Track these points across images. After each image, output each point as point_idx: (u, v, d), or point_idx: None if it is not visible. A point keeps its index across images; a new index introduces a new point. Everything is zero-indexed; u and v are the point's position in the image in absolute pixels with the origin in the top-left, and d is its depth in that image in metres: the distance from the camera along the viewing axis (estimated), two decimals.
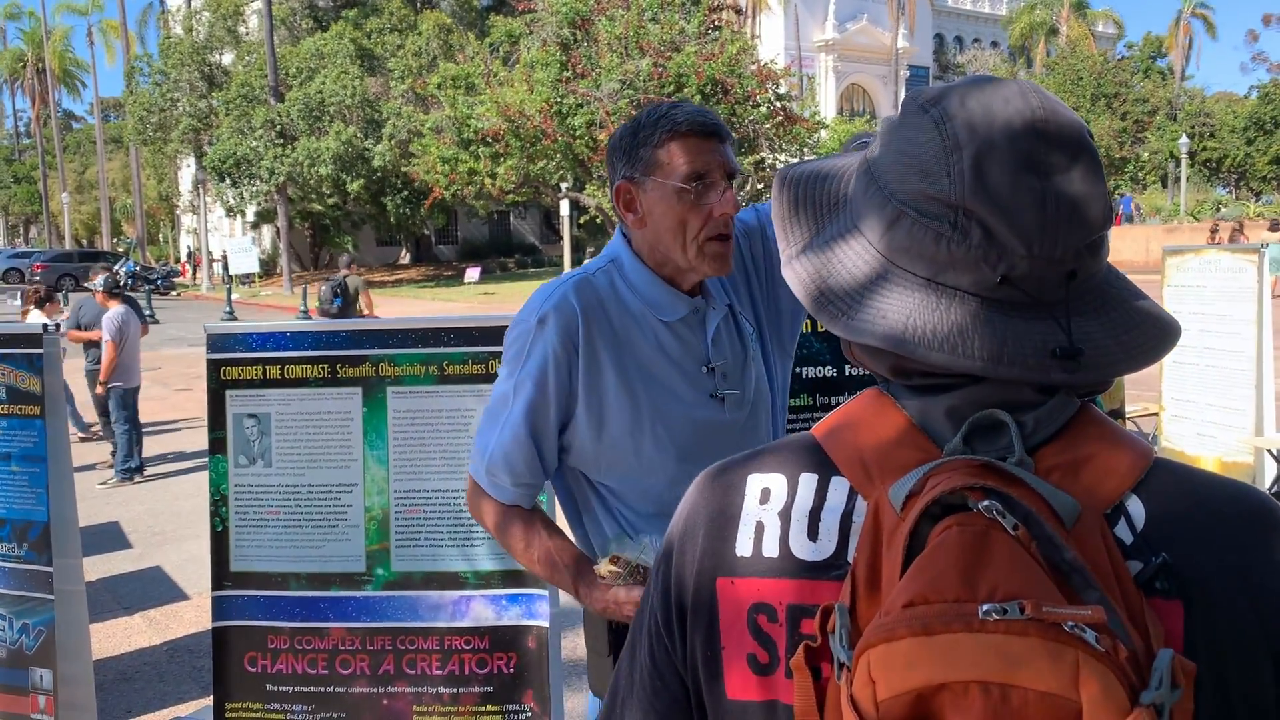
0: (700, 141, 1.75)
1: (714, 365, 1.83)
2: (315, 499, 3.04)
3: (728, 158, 1.78)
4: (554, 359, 1.76)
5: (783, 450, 0.90)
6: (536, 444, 1.80)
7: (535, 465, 1.82)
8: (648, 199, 1.78)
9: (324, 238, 42.56)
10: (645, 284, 1.82)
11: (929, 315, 0.79)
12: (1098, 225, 0.79)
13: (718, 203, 1.74)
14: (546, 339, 1.76)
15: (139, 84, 42.39)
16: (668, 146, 1.75)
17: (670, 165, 1.74)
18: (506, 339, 1.84)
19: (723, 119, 10.05)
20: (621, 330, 1.79)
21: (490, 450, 1.82)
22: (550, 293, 1.80)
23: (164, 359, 17.83)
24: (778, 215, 0.93)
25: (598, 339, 1.77)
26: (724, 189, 1.75)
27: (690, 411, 1.81)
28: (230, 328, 3.16)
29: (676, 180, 1.74)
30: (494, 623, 2.94)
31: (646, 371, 1.80)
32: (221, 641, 3.07)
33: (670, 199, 1.74)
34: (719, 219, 1.74)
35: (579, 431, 1.79)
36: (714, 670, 0.87)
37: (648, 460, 1.79)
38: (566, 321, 1.76)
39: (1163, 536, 0.77)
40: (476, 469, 1.87)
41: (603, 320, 1.78)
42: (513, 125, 23.93)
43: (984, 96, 0.80)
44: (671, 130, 1.75)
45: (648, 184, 1.77)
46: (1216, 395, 6.74)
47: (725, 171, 1.77)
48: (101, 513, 7.92)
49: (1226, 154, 48.62)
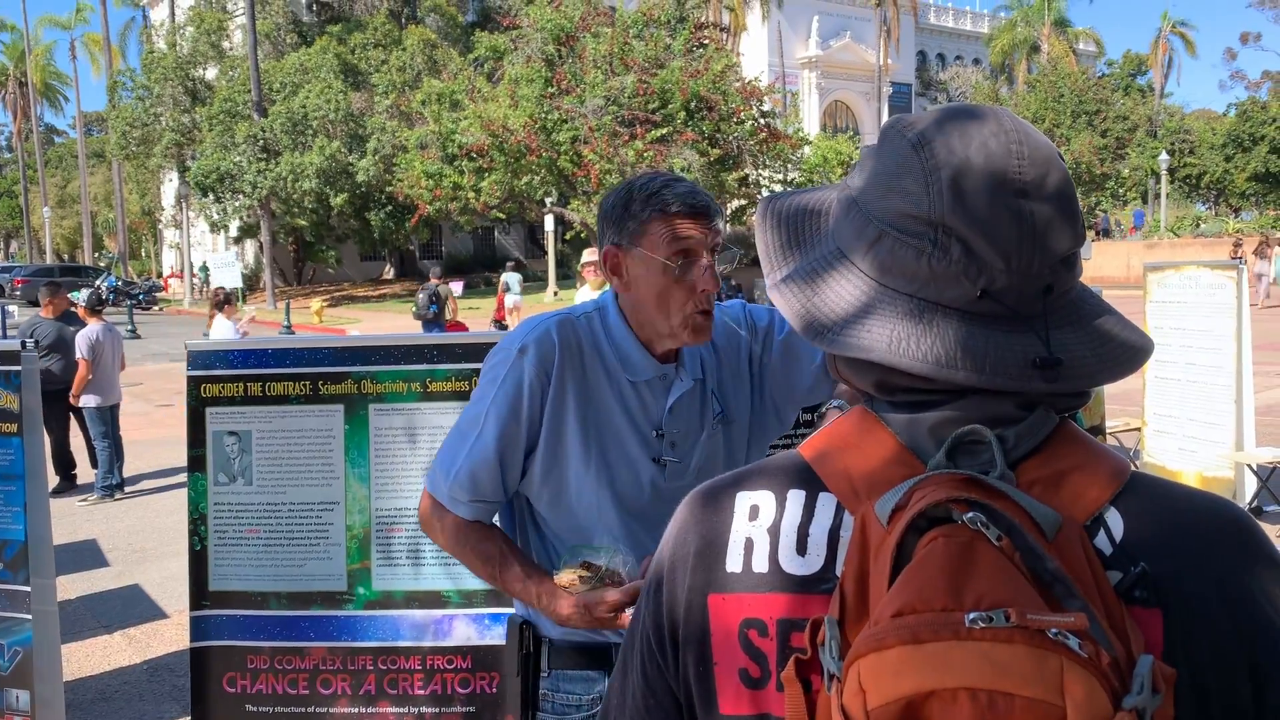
0: (689, 221, 1.80)
1: (663, 432, 1.89)
2: (296, 517, 3.02)
3: (715, 231, 1.82)
4: (529, 388, 1.82)
5: (770, 468, 0.92)
6: (503, 467, 1.85)
7: (499, 485, 1.87)
8: (634, 267, 1.83)
9: (307, 253, 42.44)
10: (622, 340, 1.88)
11: (913, 329, 0.82)
12: (1072, 241, 0.83)
13: (700, 279, 1.78)
14: (525, 368, 1.82)
15: (122, 98, 42.25)
16: (656, 222, 1.80)
17: (657, 239, 1.79)
18: (486, 363, 1.90)
19: (707, 135, 10.04)
20: (591, 376, 1.86)
21: (458, 468, 1.86)
22: (534, 325, 1.87)
23: (146, 374, 17.72)
24: (761, 242, 0.95)
25: (568, 378, 1.84)
26: (706, 266, 1.79)
27: (635, 468, 1.87)
28: (211, 344, 3.14)
29: (662, 255, 1.78)
30: (476, 642, 2.92)
31: (604, 421, 1.86)
32: (200, 662, 3.04)
33: (655, 272, 1.79)
34: (700, 295, 1.79)
35: (535, 462, 1.86)
36: (707, 686, 0.88)
37: (588, 504, 1.86)
38: (544, 354, 1.82)
39: (1141, 548, 0.80)
40: (436, 485, 1.91)
41: (576, 362, 1.85)
42: (497, 140, 23.95)
43: (960, 121, 0.84)
44: (661, 209, 1.80)
45: (635, 253, 1.82)
46: (1197, 410, 6.78)
47: (712, 246, 1.81)
48: (82, 530, 7.85)
49: (1206, 170, 49.05)
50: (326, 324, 27.53)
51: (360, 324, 27.91)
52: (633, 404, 1.88)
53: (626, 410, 1.87)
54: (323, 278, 44.80)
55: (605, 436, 1.86)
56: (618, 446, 1.87)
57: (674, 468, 1.89)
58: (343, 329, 25.73)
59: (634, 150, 22.64)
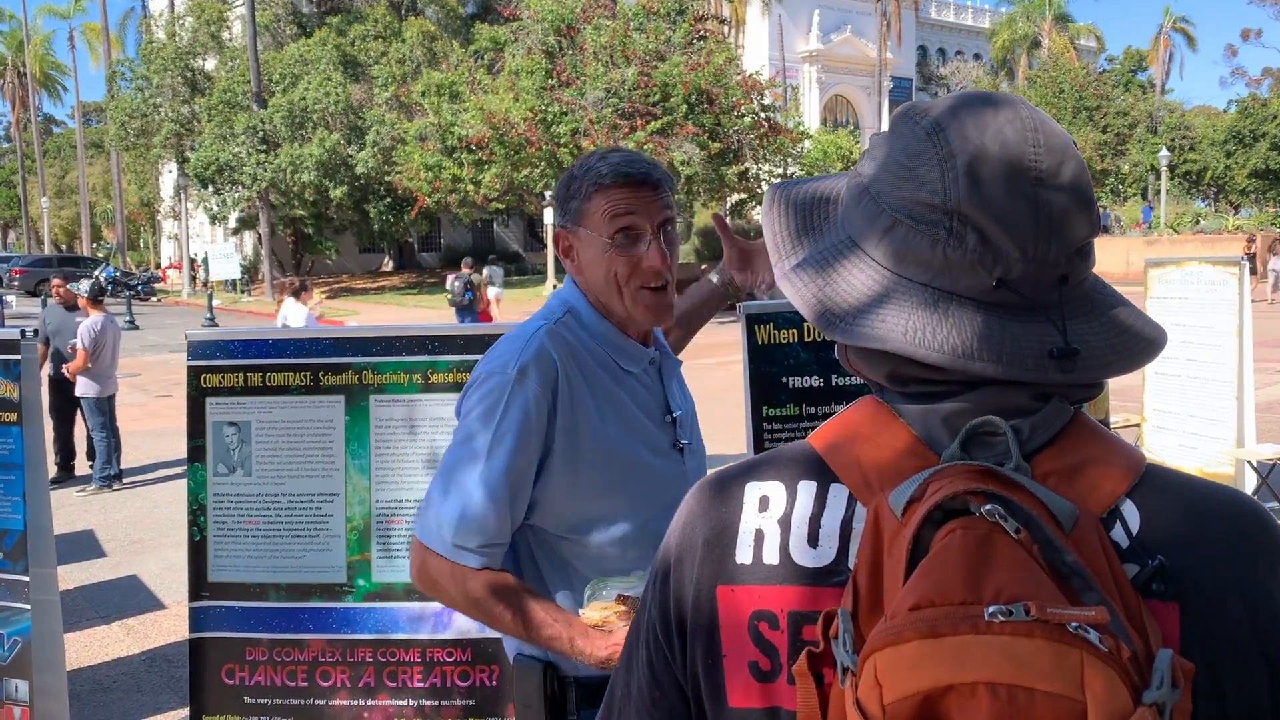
0: (627, 192, 1.72)
1: (675, 415, 1.83)
2: (296, 508, 3.01)
3: (662, 204, 1.74)
4: (537, 412, 1.67)
5: (780, 459, 0.91)
6: (513, 503, 1.69)
7: (506, 525, 1.70)
8: (581, 248, 1.77)
9: (306, 244, 42.39)
10: (605, 332, 1.79)
11: (929, 319, 0.81)
12: (1087, 230, 0.82)
13: (645, 255, 1.72)
14: (528, 392, 1.67)
15: (121, 89, 42.18)
16: (594, 198, 1.73)
17: (596, 217, 1.73)
18: (475, 391, 1.74)
19: (708, 128, 9.98)
20: (596, 379, 1.75)
21: (461, 514, 1.67)
22: (523, 345, 1.72)
23: (144, 365, 17.71)
24: (769, 230, 0.94)
25: (577, 388, 1.72)
26: (649, 240, 1.72)
27: (660, 460, 1.79)
28: (211, 334, 3.13)
29: (603, 234, 1.72)
30: (476, 635, 2.90)
31: (625, 418, 1.76)
32: (199, 653, 3.03)
33: (599, 250, 1.73)
34: (647, 270, 1.72)
35: (550, 488, 1.71)
36: (715, 679, 0.87)
37: (618, 507, 1.74)
38: (547, 374, 1.69)
39: (1157, 540, 0.79)
40: (432, 538, 1.70)
41: (577, 370, 1.73)
42: (497, 133, 23.91)
43: (975, 108, 0.83)
44: (596, 182, 1.72)
45: (580, 233, 1.76)
46: (1198, 406, 6.78)
47: (657, 219, 1.73)
48: (80, 520, 7.85)
49: (1206, 167, 49.03)
50: (325, 315, 27.50)
51: (359, 316, 27.89)
52: (640, 393, 1.81)
53: (639, 402, 1.79)
54: (321, 270, 44.74)
55: (629, 433, 1.75)
56: (641, 443, 1.76)
57: (689, 449, 1.84)
58: (341, 321, 25.72)
59: (634, 143, 22.60)
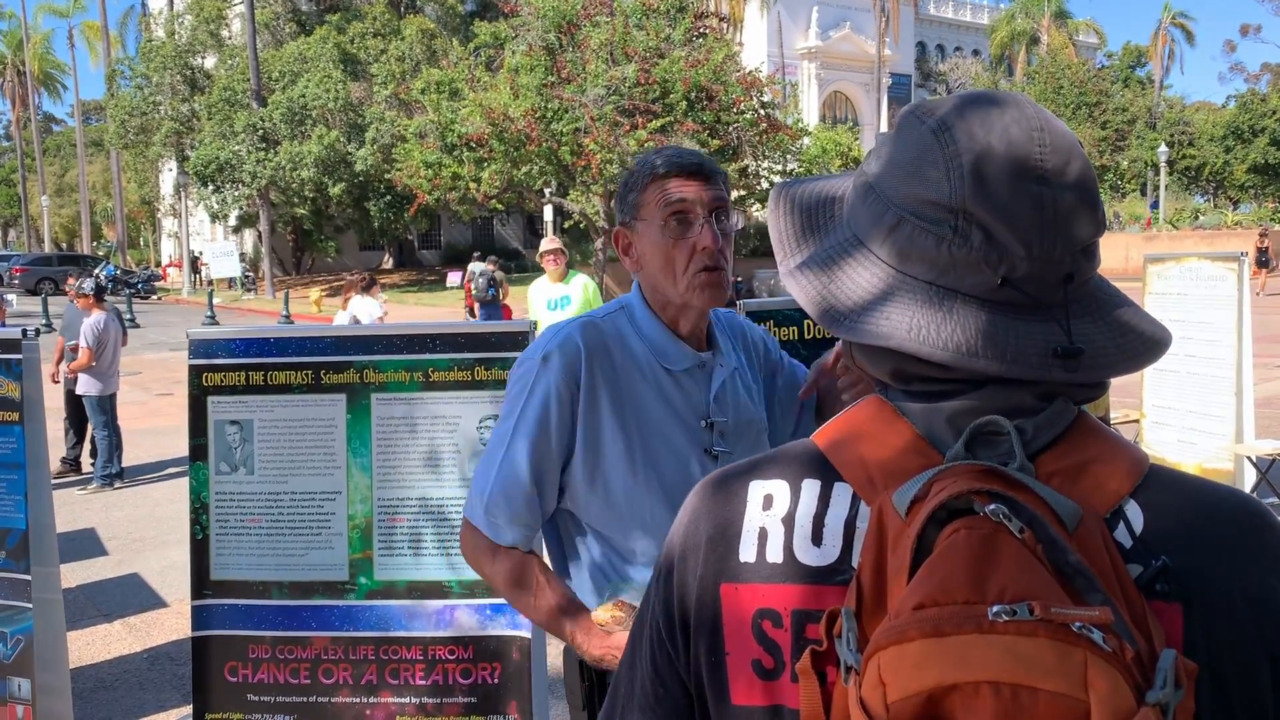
0: (681, 180, 1.80)
1: (712, 421, 1.85)
2: (298, 507, 3.02)
3: (715, 192, 1.81)
4: (557, 396, 1.77)
5: (784, 457, 0.91)
6: (538, 483, 1.79)
7: (534, 505, 1.80)
8: (639, 241, 1.85)
9: (306, 242, 42.37)
10: (654, 331, 1.86)
11: (933, 317, 0.81)
12: (1093, 229, 0.82)
13: (699, 236, 1.78)
14: (550, 376, 1.78)
15: (120, 87, 42.15)
16: (649, 188, 1.82)
17: (652, 205, 1.81)
18: (511, 376, 1.87)
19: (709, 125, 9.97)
20: (623, 374, 1.82)
21: (489, 490, 1.80)
22: (556, 332, 1.84)
23: (144, 363, 17.71)
24: (775, 229, 0.95)
25: (599, 380, 1.80)
26: (703, 224, 1.79)
27: (684, 463, 1.82)
28: (213, 333, 3.14)
29: (658, 219, 1.80)
30: (478, 632, 2.91)
31: (645, 418, 1.82)
32: (201, 651, 3.04)
33: (655, 237, 1.80)
34: (702, 253, 1.78)
35: (575, 472, 1.80)
36: (718, 677, 0.87)
37: (639, 506, 1.79)
38: (570, 360, 1.79)
39: (1161, 541, 0.79)
40: (473, 511, 1.84)
41: (605, 362, 1.81)
42: (497, 130, 23.87)
43: (981, 107, 0.83)
44: (651, 172, 1.82)
45: (637, 226, 1.84)
46: (1197, 402, 6.78)
47: (710, 207, 1.80)
48: (82, 519, 7.85)
49: (1205, 162, 49.03)
50: (325, 314, 27.51)
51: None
52: (674, 396, 1.84)
53: (668, 403, 1.84)
54: (321, 267, 44.74)
55: (647, 433, 1.81)
56: (662, 441, 1.82)
57: (726, 459, 1.82)
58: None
59: (635, 140, 22.57)
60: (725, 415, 1.87)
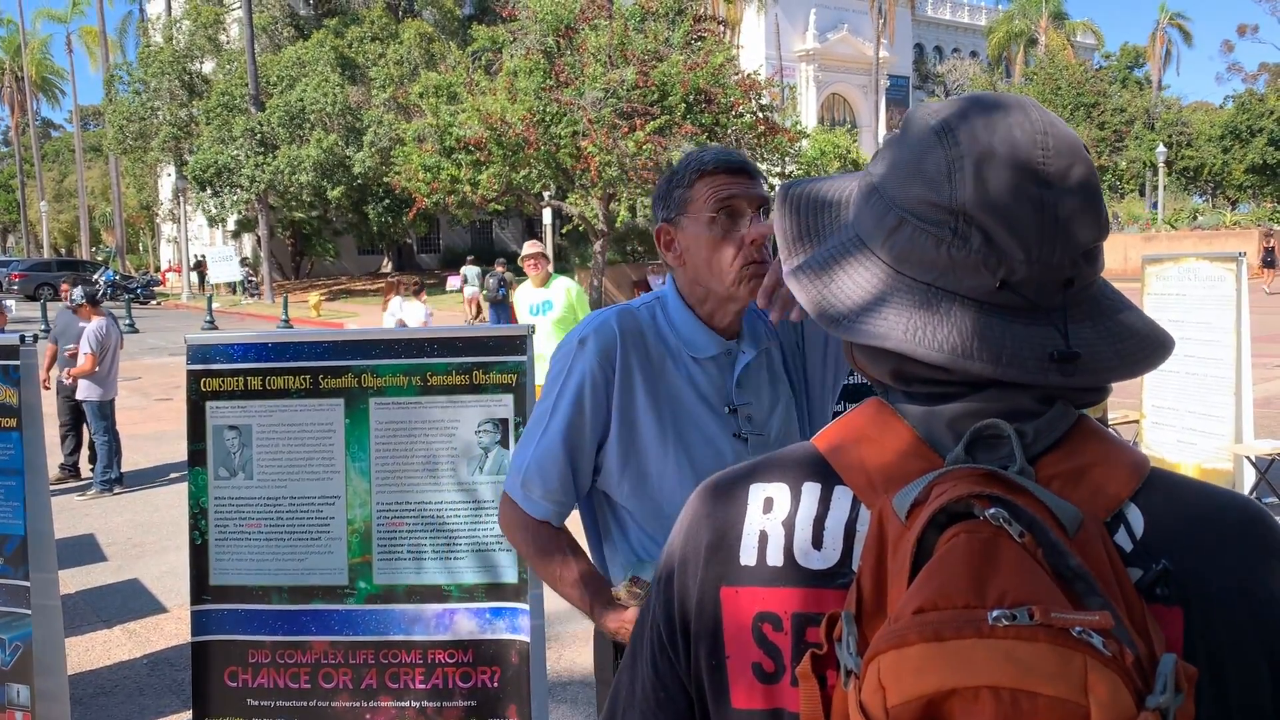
0: (727, 177, 1.84)
1: (736, 406, 1.90)
2: (297, 511, 3.01)
3: (757, 190, 1.86)
4: (591, 378, 1.86)
5: (784, 460, 0.91)
6: (572, 460, 1.89)
7: (568, 481, 1.90)
8: (684, 237, 1.88)
9: (305, 246, 42.37)
10: (683, 321, 1.91)
11: (930, 318, 0.81)
12: (1095, 234, 0.81)
13: (748, 230, 1.81)
14: (586, 359, 1.87)
15: (119, 92, 42.14)
16: (696, 185, 1.85)
17: (700, 201, 1.84)
18: (553, 358, 1.95)
19: (707, 127, 9.99)
20: (657, 359, 1.89)
21: (526, 463, 1.91)
22: (595, 317, 1.93)
23: (144, 369, 17.70)
24: (780, 228, 0.95)
25: (634, 364, 1.87)
26: (751, 217, 1.82)
27: (714, 445, 1.88)
28: (211, 338, 3.13)
29: (707, 213, 1.83)
30: (477, 636, 2.91)
31: (676, 402, 1.89)
32: (201, 656, 3.03)
33: (703, 232, 1.83)
34: (750, 245, 1.81)
35: (610, 453, 1.89)
36: (719, 680, 0.87)
37: (670, 488, 1.86)
38: (606, 344, 1.87)
39: (1161, 544, 0.79)
40: (511, 485, 1.96)
41: (640, 347, 1.89)
42: (495, 133, 23.87)
43: (984, 110, 0.83)
44: (699, 169, 1.85)
45: (683, 222, 1.87)
46: (1196, 402, 6.78)
47: (755, 203, 1.84)
48: (81, 525, 7.85)
49: (1203, 163, 49.05)
50: (324, 318, 27.51)
51: (359, 318, 27.88)
52: (701, 382, 1.90)
53: (696, 389, 1.90)
54: (320, 271, 44.76)
55: (680, 418, 1.88)
56: (694, 426, 1.88)
57: (756, 441, 1.89)
58: (340, 323, 25.72)
59: (633, 142, 22.57)
60: (748, 399, 1.91)
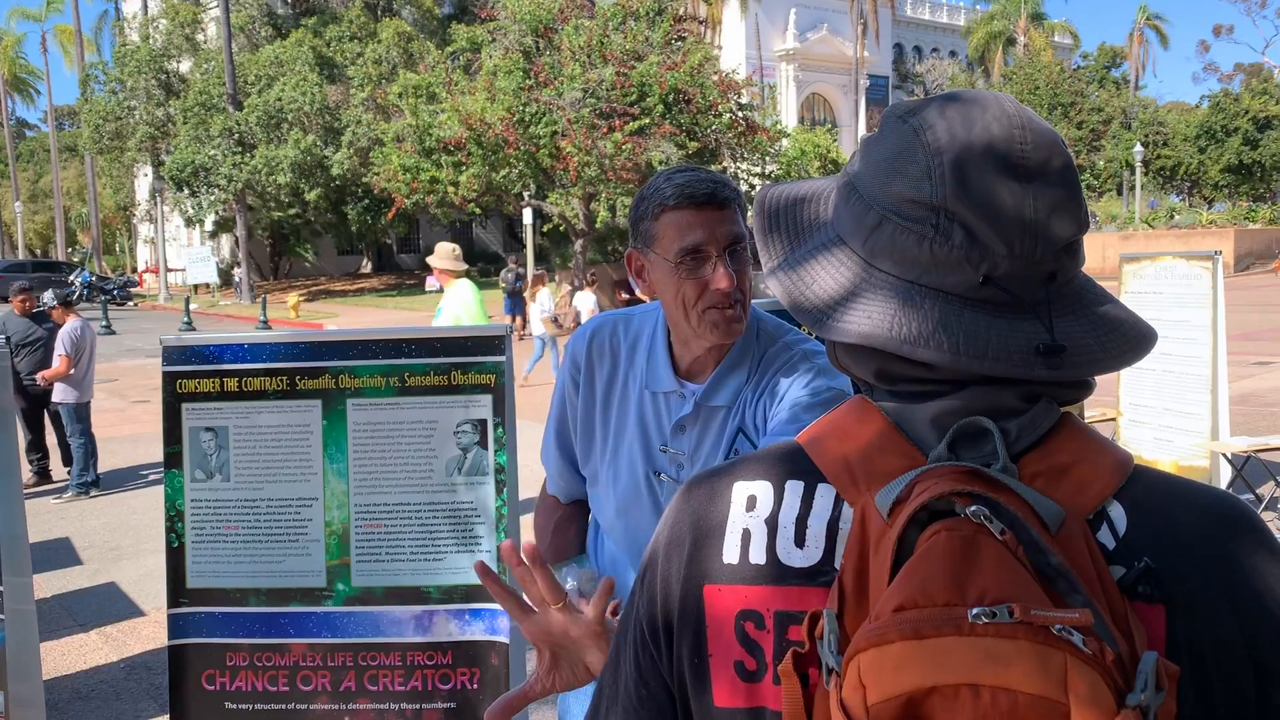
0: (693, 213, 1.71)
1: (668, 448, 1.85)
2: (274, 513, 2.99)
3: (729, 224, 1.73)
4: (563, 384, 2.00)
5: (768, 458, 0.91)
6: (563, 453, 2.04)
7: (564, 470, 2.06)
8: (651, 269, 1.78)
9: (284, 247, 42.15)
10: (654, 347, 1.90)
11: (913, 315, 0.81)
12: (1075, 227, 0.81)
13: (712, 277, 1.70)
14: (566, 362, 2.00)
15: (94, 92, 41.80)
16: (661, 220, 1.73)
17: (665, 240, 1.73)
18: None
19: (686, 127, 9.97)
20: (622, 375, 1.93)
21: (543, 449, 2.10)
22: (590, 322, 2.02)
23: (121, 370, 17.57)
24: (759, 231, 0.94)
25: (596, 377, 1.94)
26: (716, 262, 1.71)
27: (634, 477, 1.89)
28: (186, 339, 3.10)
29: (670, 256, 1.72)
30: (457, 638, 2.90)
31: (621, 424, 1.92)
32: (178, 660, 3.00)
33: (668, 272, 1.73)
34: (714, 293, 1.71)
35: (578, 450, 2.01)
36: (701, 679, 0.87)
37: (600, 498, 1.98)
38: (575, 353, 1.96)
39: (1144, 542, 0.78)
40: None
41: (605, 362, 1.93)
42: (474, 134, 23.82)
43: (962, 106, 0.83)
44: (661, 204, 1.73)
45: (650, 255, 1.77)
46: (1173, 400, 6.83)
47: (723, 243, 1.71)
48: (56, 528, 7.77)
49: (1180, 162, 49.46)
50: (303, 319, 27.38)
51: (338, 319, 27.78)
52: (648, 413, 1.87)
53: (641, 418, 1.89)
54: (299, 272, 44.53)
55: (618, 440, 1.92)
56: (625, 453, 1.91)
57: (671, 487, 1.83)
58: (319, 324, 25.59)
59: (612, 143, 22.56)
60: (683, 447, 1.84)
